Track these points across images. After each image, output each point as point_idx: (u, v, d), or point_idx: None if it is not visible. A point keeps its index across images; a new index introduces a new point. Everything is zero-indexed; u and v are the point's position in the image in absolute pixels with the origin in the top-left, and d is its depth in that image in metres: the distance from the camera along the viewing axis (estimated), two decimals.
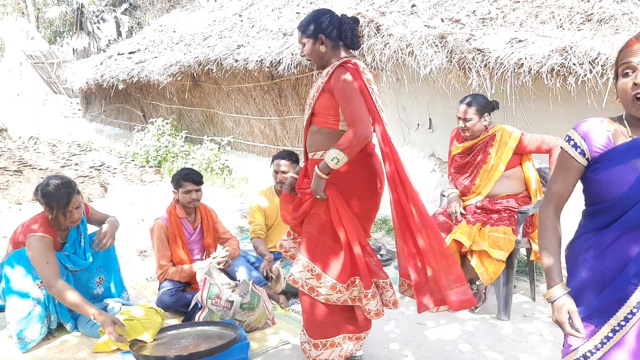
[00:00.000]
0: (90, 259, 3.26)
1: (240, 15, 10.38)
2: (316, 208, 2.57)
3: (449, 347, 3.11)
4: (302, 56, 2.63)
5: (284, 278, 3.38)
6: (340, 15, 2.57)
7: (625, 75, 1.67)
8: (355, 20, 2.57)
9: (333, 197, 2.51)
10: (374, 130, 2.51)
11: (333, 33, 2.51)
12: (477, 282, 3.56)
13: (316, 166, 2.47)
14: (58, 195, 3.00)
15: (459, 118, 3.53)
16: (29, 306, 2.96)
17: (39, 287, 2.99)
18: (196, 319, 3.22)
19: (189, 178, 3.51)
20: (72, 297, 2.88)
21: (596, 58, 3.65)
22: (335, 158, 2.38)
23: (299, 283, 2.54)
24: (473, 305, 2.55)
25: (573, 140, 1.83)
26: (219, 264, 3.42)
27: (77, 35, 21.47)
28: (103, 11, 22.68)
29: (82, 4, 21.23)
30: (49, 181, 3.06)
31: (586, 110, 4.05)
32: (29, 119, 15.21)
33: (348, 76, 2.41)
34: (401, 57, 4.82)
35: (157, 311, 3.11)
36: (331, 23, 2.52)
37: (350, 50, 2.60)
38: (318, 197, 2.50)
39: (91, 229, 3.39)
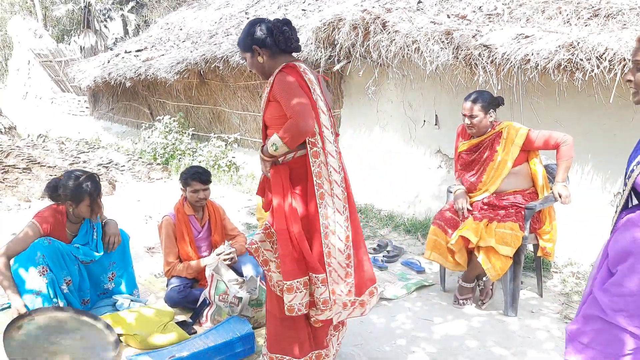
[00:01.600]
0: (101, 253, 3.29)
1: (246, 13, 10.39)
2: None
3: (456, 343, 3.12)
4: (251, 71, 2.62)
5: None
6: (270, 21, 2.50)
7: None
8: (285, 22, 2.49)
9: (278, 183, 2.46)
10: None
11: (267, 41, 2.45)
12: (484, 278, 3.56)
13: (260, 148, 2.48)
14: (88, 189, 3.07)
15: (465, 115, 3.53)
16: (29, 300, 2.99)
17: (41, 274, 3.00)
18: (204, 315, 3.24)
19: (196, 177, 3.52)
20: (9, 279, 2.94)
21: (604, 53, 3.64)
22: (274, 145, 2.35)
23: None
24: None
25: None
26: (224, 260, 3.44)
27: (85, 33, 21.55)
28: (110, 9, 22.75)
29: (89, 2, 21.32)
30: (71, 176, 3.10)
31: (594, 105, 4.04)
32: (38, 117, 15.31)
33: (287, 77, 2.37)
34: (407, 53, 4.82)
35: (165, 312, 3.14)
36: (262, 31, 2.46)
37: (293, 54, 2.55)
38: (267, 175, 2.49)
39: None
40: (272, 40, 2.45)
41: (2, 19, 23.55)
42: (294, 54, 2.58)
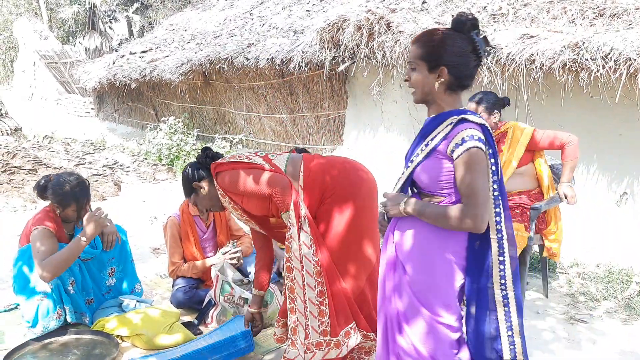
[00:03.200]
0: (100, 249, 3.29)
1: (250, 14, 10.41)
2: None
3: None
4: None
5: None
6: (193, 162, 2.74)
7: None
8: (205, 149, 2.71)
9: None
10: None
11: (200, 172, 2.68)
12: None
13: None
14: (76, 195, 3.05)
15: None
16: (36, 300, 2.99)
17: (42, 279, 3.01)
18: (209, 316, 3.25)
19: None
20: (60, 254, 2.92)
21: (609, 53, 3.63)
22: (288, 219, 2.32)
23: None
24: None
25: None
26: (230, 260, 3.45)
27: (90, 35, 21.62)
28: (115, 11, 22.82)
29: (94, 3, 21.38)
30: (60, 180, 3.10)
31: (599, 105, 4.03)
32: (43, 118, 15.38)
33: (224, 177, 2.45)
34: None
35: (171, 313, 3.14)
36: (192, 169, 2.71)
37: None
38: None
39: None
40: (206, 170, 2.62)
41: (7, 21, 23.66)
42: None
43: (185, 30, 12.22)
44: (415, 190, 1.97)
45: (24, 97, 18.00)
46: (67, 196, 3.05)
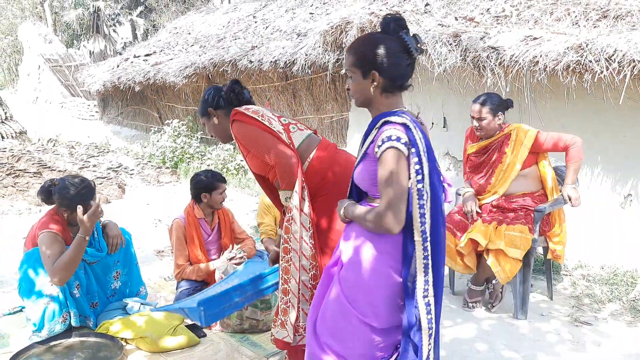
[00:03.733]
0: (105, 252, 3.30)
1: (254, 17, 10.43)
2: None
3: (466, 347, 3.11)
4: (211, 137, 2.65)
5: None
6: (218, 86, 2.61)
7: None
8: (234, 82, 2.60)
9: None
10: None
11: (220, 102, 2.55)
12: (494, 281, 3.55)
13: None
14: (82, 198, 3.06)
15: (473, 117, 3.52)
16: (43, 304, 3.00)
17: (53, 284, 3.02)
18: None
19: (221, 179, 3.65)
20: (66, 255, 2.93)
21: (613, 55, 3.62)
22: (287, 199, 2.36)
23: None
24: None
25: None
26: (237, 264, 3.45)
27: (94, 38, 21.71)
28: (119, 14, 22.91)
29: (98, 7, 21.47)
30: (66, 183, 3.11)
31: (603, 107, 4.02)
32: (48, 122, 15.43)
33: (243, 126, 2.41)
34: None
35: (175, 315, 3.15)
36: (215, 94, 2.56)
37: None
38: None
39: None
40: (225, 101, 2.55)
41: (12, 25, 23.77)
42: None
43: (189, 34, 12.25)
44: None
45: (29, 101, 18.07)
46: (74, 199, 3.06)
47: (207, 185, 3.59)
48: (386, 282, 1.85)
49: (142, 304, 3.36)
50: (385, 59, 1.81)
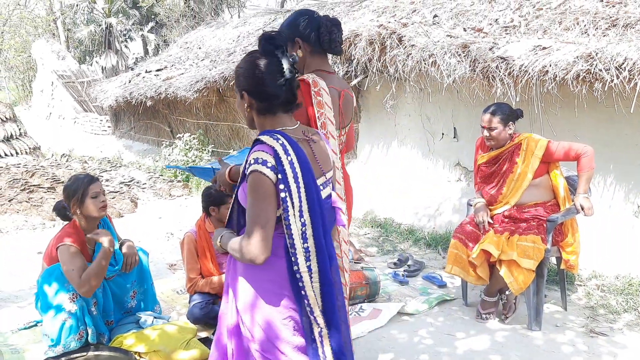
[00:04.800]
0: (119, 266, 3.32)
1: (264, 31, 10.50)
2: None
3: (479, 358, 3.08)
4: None
5: None
6: (319, 17, 2.35)
7: None
8: (335, 23, 2.35)
9: None
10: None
11: (311, 37, 2.32)
12: (507, 292, 3.52)
13: None
14: (78, 182, 3.10)
15: (483, 127, 3.52)
16: (61, 319, 3.02)
17: (72, 301, 3.05)
18: None
19: (230, 193, 3.61)
20: (91, 268, 2.95)
21: (623, 63, 3.62)
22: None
23: None
24: None
25: None
26: None
27: (106, 54, 21.97)
28: (130, 30, 23.19)
29: (110, 23, 21.75)
30: (70, 178, 3.19)
31: (613, 116, 4.01)
32: (61, 137, 15.61)
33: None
34: (424, 67, 4.84)
35: (188, 329, 3.16)
36: (310, 25, 2.32)
37: (330, 56, 2.44)
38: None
39: None
40: (316, 37, 2.32)
41: (26, 42, 24.14)
42: (332, 57, 2.53)
43: (200, 48, 12.37)
44: None
45: (42, 117, 18.29)
46: (71, 185, 3.10)
47: (215, 200, 3.60)
48: (274, 309, 1.79)
49: (155, 317, 3.37)
50: (252, 80, 1.77)
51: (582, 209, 3.34)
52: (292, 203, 1.68)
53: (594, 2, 4.65)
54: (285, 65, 1.76)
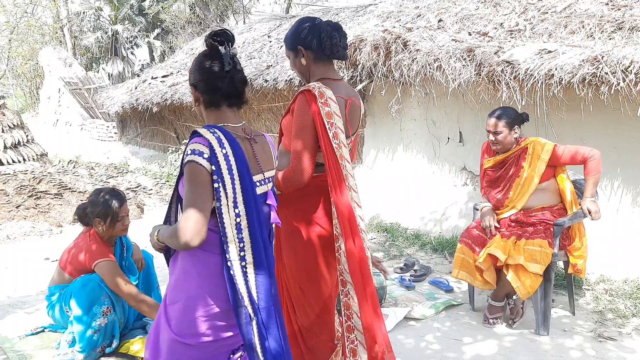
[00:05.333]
0: (136, 274, 3.35)
1: (269, 36, 10.55)
2: None
3: None
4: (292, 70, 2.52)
5: None
6: (320, 23, 2.33)
7: None
8: (335, 28, 2.33)
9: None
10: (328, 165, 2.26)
11: (313, 44, 2.30)
12: (514, 297, 3.51)
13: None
14: (110, 203, 3.11)
15: (489, 131, 3.52)
16: (90, 332, 3.02)
17: (104, 315, 3.05)
18: None
19: None
20: (139, 300, 3.04)
21: (629, 66, 3.60)
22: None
23: None
24: None
25: None
26: None
27: (112, 61, 22.11)
28: (136, 37, 23.33)
29: (116, 30, 21.90)
30: (99, 193, 3.18)
31: (620, 119, 3.99)
32: (68, 144, 15.69)
33: (305, 108, 2.23)
34: (429, 71, 4.84)
35: None
36: (311, 33, 2.29)
37: (335, 61, 2.41)
38: None
39: None
40: (318, 44, 2.31)
41: (33, 50, 24.32)
42: (337, 62, 2.51)
43: None
44: None
45: (50, 123, 18.40)
46: (104, 205, 3.11)
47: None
48: (204, 303, 1.82)
49: None
50: (197, 73, 1.88)
51: (589, 212, 3.33)
52: (226, 194, 1.75)
53: (600, 6, 4.64)
54: (226, 59, 1.84)
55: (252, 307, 1.79)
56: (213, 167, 1.74)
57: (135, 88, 12.40)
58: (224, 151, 1.75)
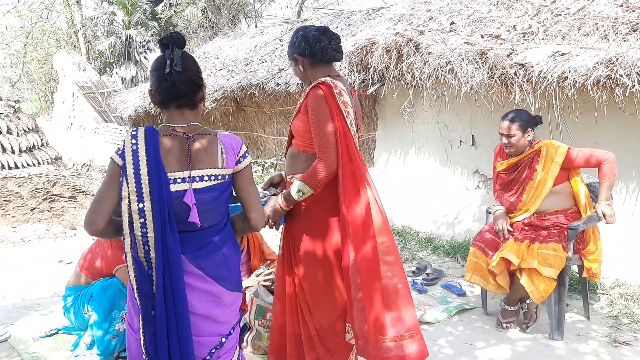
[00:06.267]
0: None
1: (280, 40, 10.58)
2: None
3: None
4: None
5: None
6: (310, 30, 2.47)
7: None
8: (322, 31, 2.45)
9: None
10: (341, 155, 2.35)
11: (306, 50, 2.43)
12: (528, 301, 3.48)
13: (280, 195, 2.43)
14: None
15: (502, 134, 3.49)
16: (110, 336, 3.06)
17: (123, 320, 3.08)
18: (245, 340, 3.26)
19: None
20: None
21: None
22: (300, 191, 2.34)
23: None
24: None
25: None
26: (265, 282, 3.46)
27: (126, 65, 22.28)
28: (149, 41, 23.48)
29: (130, 35, 22.08)
30: None
31: (635, 122, 3.95)
32: (82, 147, 15.83)
33: (321, 100, 2.33)
34: (441, 74, 4.82)
35: None
36: (302, 40, 2.44)
37: (334, 64, 2.52)
38: (269, 226, 2.48)
39: None
40: (310, 50, 2.43)
41: (48, 54, 24.58)
42: (335, 64, 2.57)
43: (217, 58, 12.48)
44: None
45: (64, 127, 18.56)
46: None
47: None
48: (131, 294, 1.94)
49: None
50: (151, 77, 1.96)
51: (604, 216, 3.29)
52: (128, 186, 1.82)
53: (614, 7, 4.59)
54: (167, 62, 1.89)
55: (141, 302, 1.87)
56: (122, 162, 1.84)
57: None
58: (133, 147, 1.84)
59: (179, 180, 1.87)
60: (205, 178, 1.91)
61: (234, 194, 2.04)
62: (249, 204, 2.02)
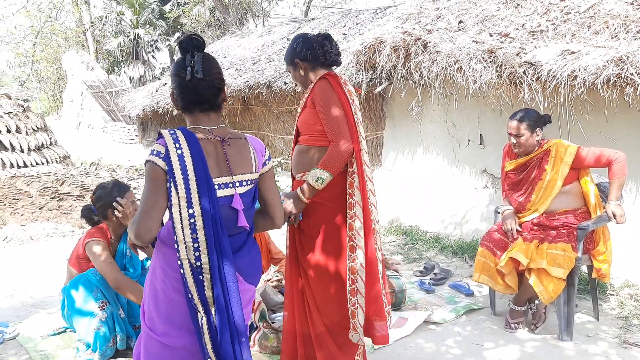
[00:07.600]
0: (138, 271, 3.37)
1: (288, 39, 10.57)
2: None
3: None
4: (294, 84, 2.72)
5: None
6: (312, 36, 2.59)
7: None
8: (325, 37, 2.56)
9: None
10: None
11: (307, 55, 2.53)
12: (536, 301, 3.45)
13: (298, 189, 2.45)
14: (115, 189, 3.16)
15: (510, 134, 3.47)
16: (94, 326, 3.07)
17: (101, 309, 3.10)
18: (251, 339, 3.26)
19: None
20: (129, 283, 3.04)
21: None
22: (320, 178, 2.37)
23: None
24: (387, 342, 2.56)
25: None
26: (275, 286, 3.46)
27: (134, 64, 22.34)
28: (157, 40, 23.53)
29: (138, 34, 22.14)
30: (103, 187, 3.24)
31: None
32: (90, 146, 15.92)
33: (328, 88, 2.43)
34: (449, 73, 4.80)
35: None
36: (304, 46, 2.54)
37: (332, 68, 2.61)
38: (289, 222, 2.52)
39: None
40: (312, 54, 2.52)
41: (57, 54, 24.72)
42: (334, 68, 2.64)
43: (225, 57, 12.49)
44: None
45: (72, 126, 18.66)
46: (107, 193, 3.16)
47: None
48: (170, 299, 1.88)
49: None
50: (172, 81, 1.92)
51: (614, 216, 3.26)
52: (177, 193, 1.77)
53: (624, 5, 4.55)
54: (188, 68, 1.86)
55: (203, 308, 1.82)
56: (167, 167, 1.78)
57: (156, 91, 12.52)
58: (179, 151, 1.80)
59: (222, 186, 1.87)
60: (244, 183, 1.94)
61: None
62: (274, 202, 2.07)
